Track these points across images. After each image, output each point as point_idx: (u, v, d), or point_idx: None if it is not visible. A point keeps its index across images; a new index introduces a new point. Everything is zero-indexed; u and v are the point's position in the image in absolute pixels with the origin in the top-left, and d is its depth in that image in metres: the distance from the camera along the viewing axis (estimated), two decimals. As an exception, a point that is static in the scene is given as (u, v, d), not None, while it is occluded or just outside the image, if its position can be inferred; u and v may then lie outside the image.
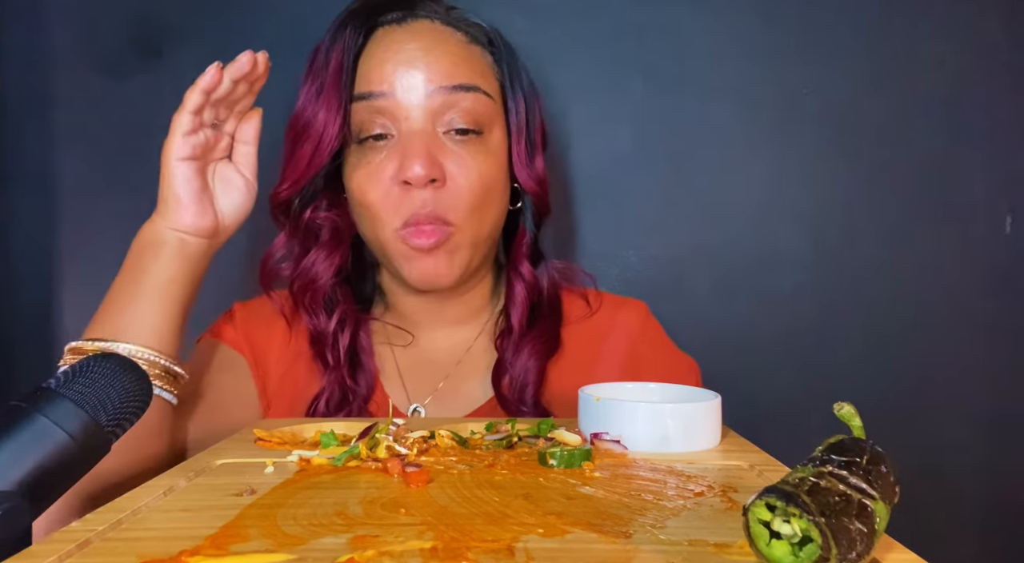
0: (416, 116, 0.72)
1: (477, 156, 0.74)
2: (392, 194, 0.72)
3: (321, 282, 0.78)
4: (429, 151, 0.71)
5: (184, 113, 0.68)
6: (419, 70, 0.72)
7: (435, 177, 0.71)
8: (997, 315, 1.01)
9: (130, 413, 0.44)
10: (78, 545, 0.35)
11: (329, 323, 0.78)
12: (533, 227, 0.82)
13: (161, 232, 0.69)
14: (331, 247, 0.79)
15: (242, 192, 0.73)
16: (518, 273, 0.81)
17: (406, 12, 0.76)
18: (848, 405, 0.38)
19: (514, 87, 0.78)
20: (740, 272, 1.02)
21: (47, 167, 1.03)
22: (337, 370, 0.77)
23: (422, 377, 0.81)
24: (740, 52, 1.01)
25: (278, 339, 0.82)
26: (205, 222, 0.70)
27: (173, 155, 0.68)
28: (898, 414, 0.99)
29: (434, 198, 0.72)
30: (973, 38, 1.00)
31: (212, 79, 0.67)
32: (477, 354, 0.82)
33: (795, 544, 0.31)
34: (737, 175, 1.02)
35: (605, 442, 0.54)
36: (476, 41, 0.77)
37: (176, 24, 1.03)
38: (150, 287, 0.68)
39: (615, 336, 0.83)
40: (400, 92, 0.72)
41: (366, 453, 0.51)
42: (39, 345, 1.03)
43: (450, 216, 0.73)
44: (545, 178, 0.80)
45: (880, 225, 1.01)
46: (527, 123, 0.79)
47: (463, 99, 0.73)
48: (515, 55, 0.80)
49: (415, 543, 0.35)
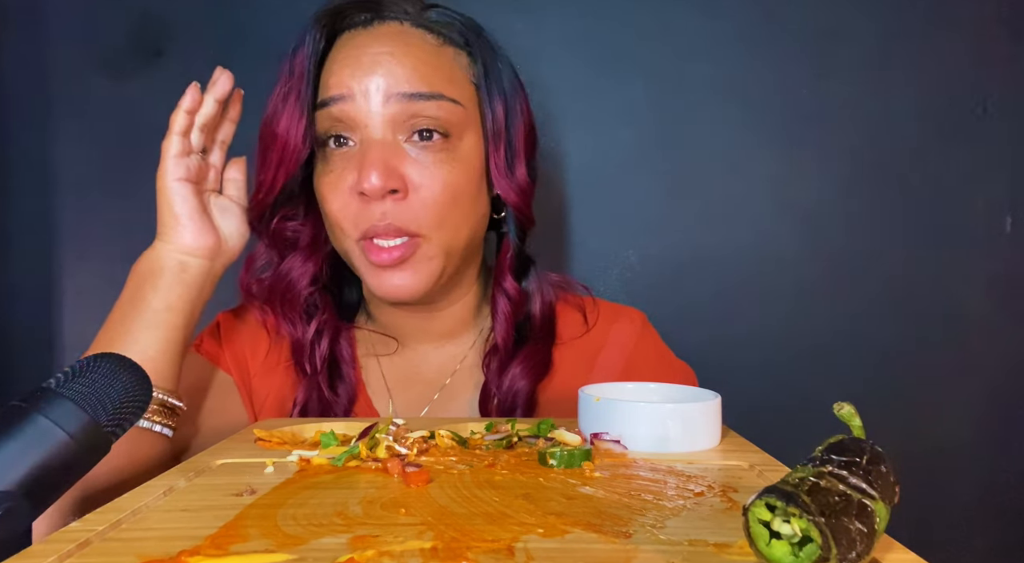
0: (375, 124, 0.69)
1: (443, 164, 0.70)
2: (351, 205, 0.70)
3: (297, 289, 0.77)
4: (387, 162, 0.68)
5: (172, 135, 0.68)
6: (379, 75, 0.68)
7: (395, 187, 0.68)
8: (997, 315, 1.01)
9: (130, 413, 0.44)
10: (78, 545, 0.35)
11: (307, 331, 0.77)
12: (516, 239, 0.77)
13: (161, 257, 0.69)
14: (306, 254, 0.77)
15: (238, 217, 0.74)
16: (501, 288, 0.77)
17: (373, 15, 0.72)
18: (848, 405, 0.38)
19: (491, 90, 0.74)
20: (740, 272, 1.02)
21: (47, 167, 1.03)
22: (314, 378, 0.76)
23: (411, 392, 0.79)
24: (740, 52, 1.01)
25: (262, 348, 0.80)
26: (206, 240, 0.70)
27: (168, 176, 0.68)
28: (898, 414, 1.00)
29: (395, 210, 0.68)
30: (973, 36, 1.00)
31: (193, 99, 0.69)
32: (467, 371, 0.80)
33: (795, 544, 0.31)
34: (737, 175, 1.02)
35: (605, 442, 0.54)
36: (449, 42, 0.73)
37: (176, 24, 1.03)
38: (148, 318, 0.67)
39: (609, 350, 0.80)
40: (359, 97, 0.69)
41: (366, 453, 0.51)
42: (39, 347, 1.03)
43: (413, 227, 0.69)
44: (527, 187, 0.76)
45: (880, 225, 1.01)
46: (506, 128, 0.74)
47: (425, 108, 0.69)
48: (495, 54, 0.75)
49: (415, 543, 0.35)
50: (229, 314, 0.83)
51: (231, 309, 0.84)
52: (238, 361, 0.80)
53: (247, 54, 1.00)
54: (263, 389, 0.79)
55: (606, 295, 0.89)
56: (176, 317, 0.68)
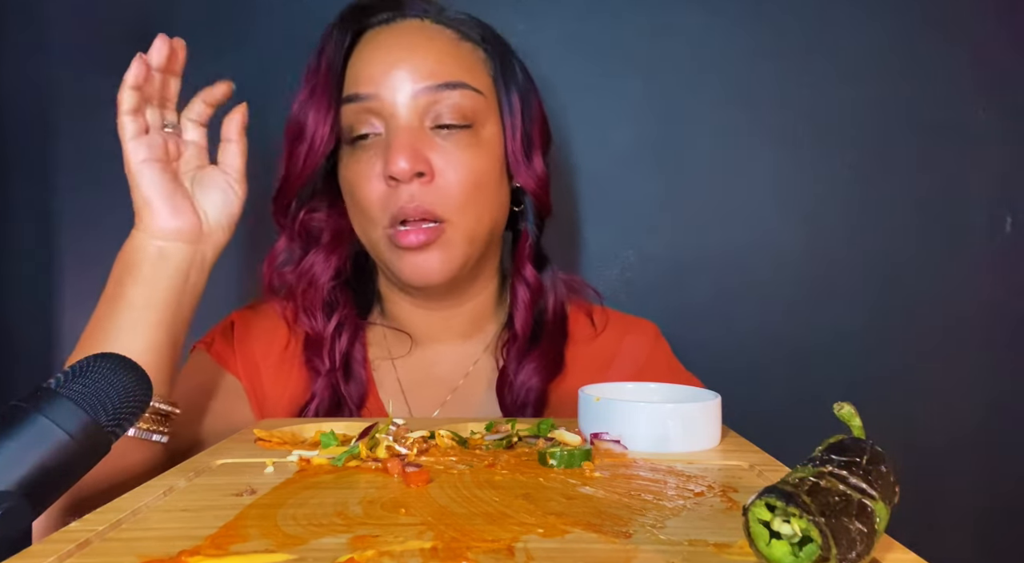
0: (402, 113, 0.71)
1: (467, 150, 0.72)
2: (380, 191, 0.72)
3: (320, 283, 0.77)
4: (414, 145, 0.70)
5: (121, 116, 0.65)
6: (404, 70, 0.71)
7: (422, 171, 0.70)
8: (997, 315, 1.01)
9: (130, 413, 0.44)
10: (78, 545, 0.35)
11: (327, 326, 0.77)
12: (535, 228, 0.81)
13: (137, 246, 0.66)
14: (330, 249, 0.78)
15: (225, 191, 0.70)
16: (521, 276, 0.79)
17: (394, 13, 0.76)
18: (848, 405, 0.38)
19: (508, 83, 0.77)
20: (739, 272, 1.02)
21: (47, 167, 1.03)
22: (332, 375, 0.76)
23: (425, 394, 0.79)
24: (740, 52, 1.01)
25: (279, 344, 0.80)
26: (182, 222, 0.67)
27: (131, 160, 0.66)
28: (898, 414, 0.99)
29: (421, 192, 0.71)
30: (973, 37, 1.00)
31: (137, 74, 0.65)
32: (480, 373, 0.80)
33: (795, 544, 0.31)
34: (737, 175, 1.02)
35: (605, 442, 0.54)
36: (467, 38, 0.76)
37: (176, 24, 1.03)
38: (129, 319, 0.64)
39: (620, 361, 0.81)
40: (386, 92, 0.71)
41: (366, 453, 0.51)
42: (39, 347, 1.03)
43: (439, 211, 0.71)
44: (545, 177, 0.79)
45: (880, 225, 1.01)
46: (523, 120, 0.77)
47: (450, 96, 0.72)
48: (510, 51, 0.79)
49: (415, 543, 0.35)
50: (246, 312, 0.83)
51: (247, 306, 0.84)
52: (249, 365, 0.79)
53: (247, 54, 1.01)
54: (277, 388, 0.78)
55: (606, 294, 0.89)
56: (159, 315, 0.65)
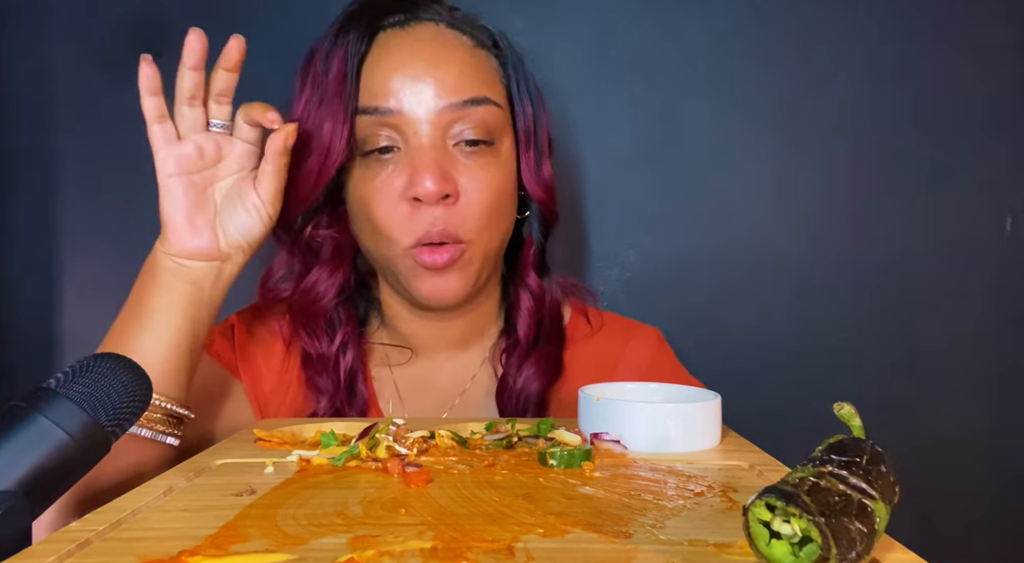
0: (425, 130, 0.68)
1: (489, 168, 0.70)
2: (401, 211, 0.68)
3: (324, 302, 0.74)
4: (441, 166, 0.67)
5: (149, 125, 0.64)
6: (427, 84, 0.68)
7: (448, 193, 0.67)
8: (997, 315, 1.01)
9: (130, 413, 0.44)
10: (78, 545, 0.35)
11: (331, 346, 0.75)
12: (540, 236, 0.78)
13: (157, 258, 0.65)
14: (334, 266, 0.75)
15: (251, 215, 0.66)
16: (524, 284, 0.77)
17: (409, 15, 0.72)
18: (848, 405, 0.38)
19: (521, 91, 0.75)
20: (740, 271, 1.02)
21: (47, 167, 1.03)
22: (337, 395, 0.74)
23: (424, 403, 0.79)
24: (740, 52, 1.01)
25: (276, 358, 0.78)
26: (199, 243, 0.65)
27: (160, 172, 0.64)
28: (898, 414, 0.99)
29: (446, 215, 0.68)
30: (973, 36, 1.00)
31: (149, 76, 0.62)
32: (480, 380, 0.80)
33: (795, 544, 0.31)
34: (737, 175, 1.02)
35: (605, 442, 0.54)
36: (482, 45, 0.73)
37: (176, 24, 1.03)
38: (152, 322, 0.63)
39: (625, 367, 0.80)
40: (408, 107, 0.68)
41: (366, 453, 0.51)
42: (39, 347, 1.03)
43: (462, 233, 0.69)
44: (552, 185, 0.77)
45: (880, 225, 1.01)
46: (535, 128, 0.75)
47: (474, 113, 0.69)
48: (520, 58, 0.76)
49: (415, 543, 0.35)
50: (246, 314, 0.80)
51: (247, 308, 0.81)
52: (251, 368, 0.78)
53: (247, 54, 1.00)
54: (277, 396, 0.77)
55: (606, 294, 0.89)
56: (178, 316, 0.64)
